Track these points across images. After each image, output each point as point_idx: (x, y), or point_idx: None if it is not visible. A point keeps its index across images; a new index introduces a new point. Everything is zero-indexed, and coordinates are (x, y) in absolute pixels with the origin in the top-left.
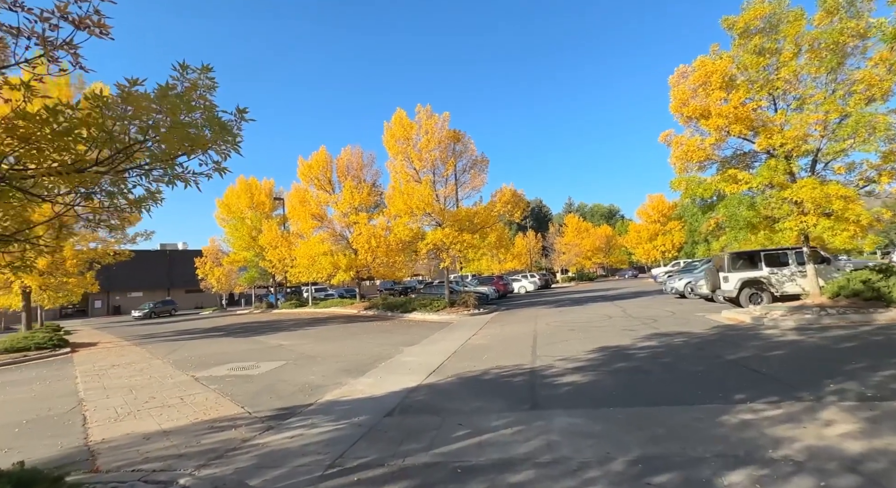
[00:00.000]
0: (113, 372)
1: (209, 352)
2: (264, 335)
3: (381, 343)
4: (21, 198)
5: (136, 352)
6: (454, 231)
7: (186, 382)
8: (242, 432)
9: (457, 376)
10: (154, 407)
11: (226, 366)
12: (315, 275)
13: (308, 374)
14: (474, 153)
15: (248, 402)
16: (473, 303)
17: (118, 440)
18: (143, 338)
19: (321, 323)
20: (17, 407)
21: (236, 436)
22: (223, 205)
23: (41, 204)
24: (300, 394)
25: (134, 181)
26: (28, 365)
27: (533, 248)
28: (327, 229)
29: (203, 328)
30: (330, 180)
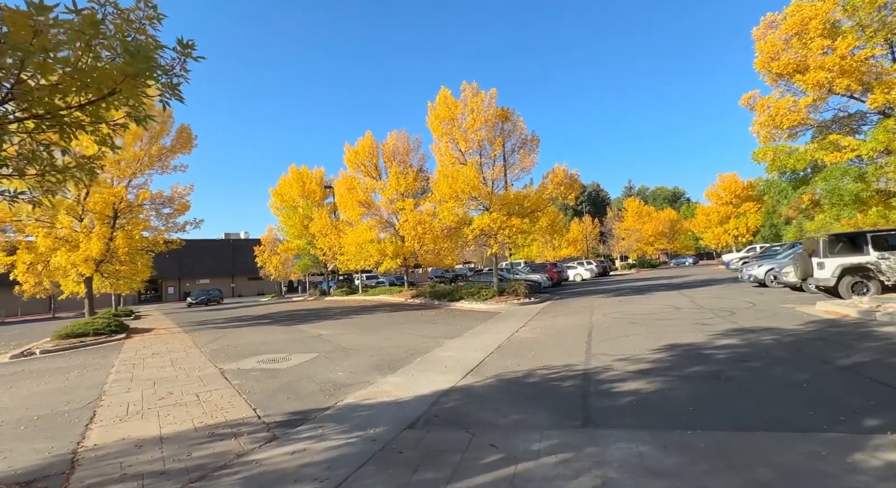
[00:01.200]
0: (149, 362)
1: (248, 341)
2: (308, 323)
3: (421, 334)
4: None
5: (182, 339)
6: (502, 215)
7: (211, 376)
8: (242, 443)
9: (497, 377)
10: (167, 405)
11: (256, 359)
12: (363, 263)
13: (336, 370)
14: (524, 131)
15: (262, 403)
16: (524, 291)
17: (109, 446)
18: (196, 324)
19: (366, 311)
20: (41, 400)
21: (233, 449)
22: (276, 195)
23: None
24: (320, 395)
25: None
26: (81, 351)
27: (589, 234)
28: (374, 216)
29: (254, 315)
30: (376, 166)
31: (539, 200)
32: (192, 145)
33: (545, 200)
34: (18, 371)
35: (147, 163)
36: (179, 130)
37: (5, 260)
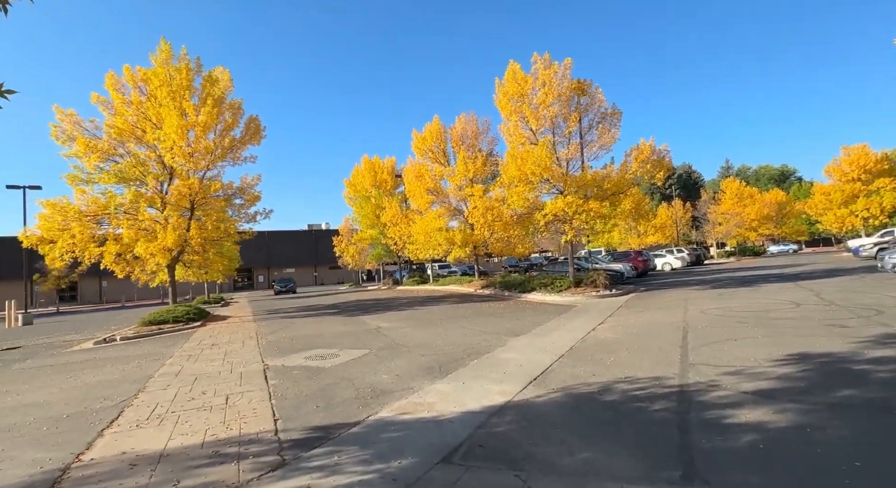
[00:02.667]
0: (204, 354)
1: (306, 333)
2: (371, 314)
3: (484, 330)
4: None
5: (247, 329)
6: (578, 199)
7: (252, 373)
8: (242, 469)
9: (565, 390)
10: (192, 408)
11: (306, 354)
12: (431, 252)
13: (381, 372)
14: (603, 104)
15: (287, 412)
16: (604, 282)
17: (102, 464)
18: (268, 313)
19: (432, 302)
20: (84, 394)
21: (227, 478)
22: (350, 185)
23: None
24: (353, 404)
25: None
26: (155, 338)
27: (680, 219)
28: (443, 204)
29: (324, 305)
30: (444, 152)
31: (621, 181)
32: (261, 136)
33: (628, 181)
34: (90, 358)
35: (219, 155)
36: (248, 122)
37: (95, 250)
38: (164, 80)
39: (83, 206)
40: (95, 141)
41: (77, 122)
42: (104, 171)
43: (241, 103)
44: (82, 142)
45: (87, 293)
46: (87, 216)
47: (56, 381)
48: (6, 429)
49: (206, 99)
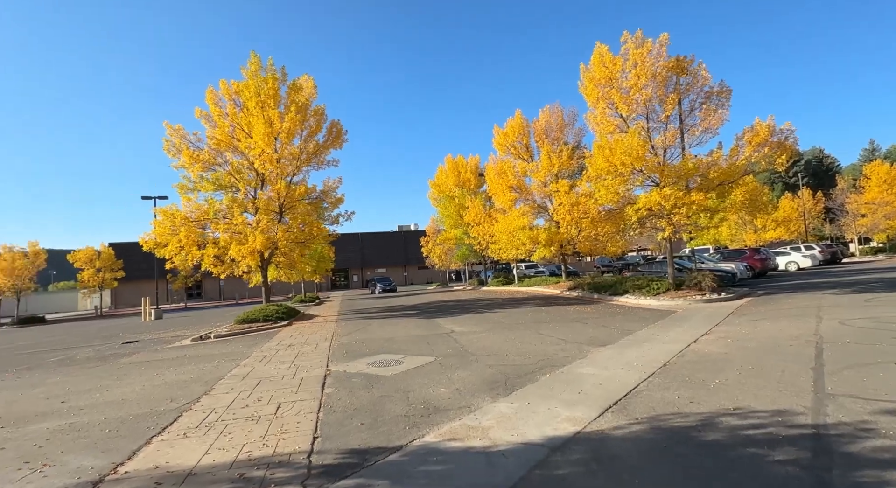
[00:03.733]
0: (278, 356)
1: (379, 335)
2: (448, 317)
3: (563, 337)
4: None
5: (326, 330)
6: (677, 191)
7: (311, 380)
8: None
9: (651, 422)
10: (240, 418)
11: (370, 359)
12: (514, 252)
13: (441, 384)
14: (707, 82)
15: (329, 429)
16: (710, 284)
17: (132, 480)
18: (352, 313)
19: (513, 304)
20: (157, 394)
21: None
22: (434, 185)
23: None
24: (401, 424)
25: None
26: (243, 337)
27: (809, 211)
28: (527, 201)
29: (406, 305)
30: (527, 147)
31: (730, 169)
32: (342, 140)
33: (739, 168)
34: (181, 356)
35: (304, 160)
36: (330, 126)
37: (197, 253)
38: (254, 90)
39: (189, 213)
40: (198, 152)
41: (183, 136)
42: (205, 180)
43: (324, 109)
44: (187, 154)
45: (210, 290)
46: (192, 221)
47: (143, 379)
48: (77, 429)
49: (290, 106)
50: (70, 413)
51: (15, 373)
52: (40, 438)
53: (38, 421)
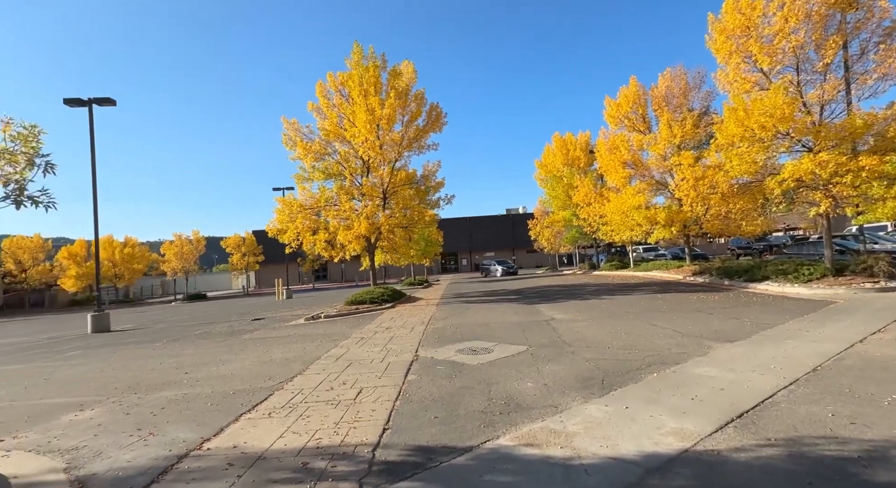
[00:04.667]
0: (373, 338)
1: (474, 321)
2: (550, 302)
3: (680, 330)
4: None
5: (424, 313)
6: (839, 155)
7: (399, 365)
8: None
9: (791, 448)
10: (322, 401)
11: (460, 346)
12: (628, 233)
13: (529, 378)
14: (888, 15)
15: (402, 421)
16: (887, 269)
17: (210, 457)
18: (455, 297)
19: (625, 290)
20: (260, 370)
21: None
22: (541, 165)
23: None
24: (476, 421)
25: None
26: (349, 318)
27: None
28: (643, 178)
29: (508, 290)
30: (644, 117)
31: None
32: (441, 123)
33: None
34: (292, 334)
35: (406, 145)
36: (430, 110)
37: (309, 237)
38: (357, 80)
39: (304, 201)
40: (310, 143)
41: (297, 129)
42: (316, 169)
43: (423, 93)
44: (301, 146)
45: (333, 273)
46: (306, 209)
47: (255, 355)
48: (187, 400)
49: (389, 92)
50: (188, 384)
51: (164, 344)
52: (157, 406)
53: (162, 389)
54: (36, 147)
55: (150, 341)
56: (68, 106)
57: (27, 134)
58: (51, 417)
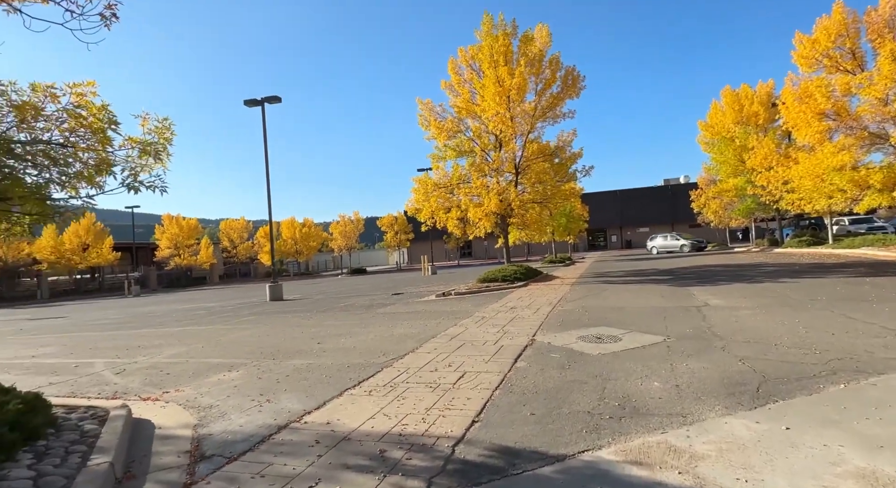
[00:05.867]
0: (493, 319)
1: (609, 304)
2: (706, 285)
3: (892, 327)
4: None
5: (556, 293)
6: None
7: (511, 349)
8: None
9: None
10: (422, 383)
11: (584, 332)
12: (824, 202)
13: (657, 376)
14: None
15: (495, 415)
16: None
17: (303, 432)
18: (596, 276)
19: (817, 272)
20: (379, 346)
21: None
22: (706, 127)
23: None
24: (578, 423)
25: None
26: (478, 295)
27: None
28: (850, 131)
29: (658, 269)
30: (853, 52)
31: None
32: (579, 87)
33: None
34: (419, 310)
35: (539, 115)
36: (565, 75)
37: (442, 216)
38: (487, 51)
39: (438, 180)
40: (443, 122)
41: (431, 109)
42: (448, 148)
43: (558, 57)
44: (434, 125)
45: (477, 250)
46: (440, 187)
47: (380, 329)
48: (309, 370)
49: (520, 60)
50: (315, 354)
51: (312, 315)
52: (283, 374)
53: (295, 356)
54: (168, 138)
55: (305, 311)
56: (247, 106)
57: (161, 127)
58: (207, 375)
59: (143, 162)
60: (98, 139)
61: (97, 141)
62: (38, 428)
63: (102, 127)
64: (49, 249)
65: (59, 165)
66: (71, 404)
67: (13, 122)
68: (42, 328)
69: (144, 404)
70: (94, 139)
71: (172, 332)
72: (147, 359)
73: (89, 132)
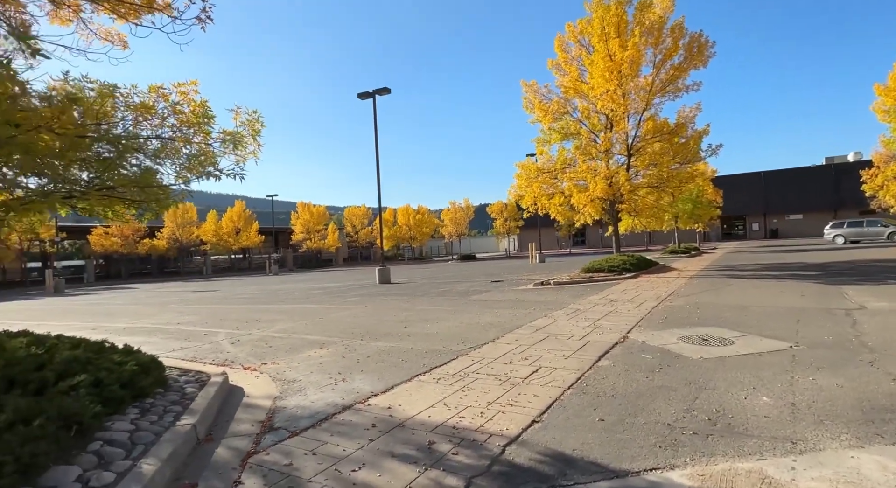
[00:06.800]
0: (586, 312)
1: (728, 301)
2: (870, 283)
3: None
4: None
5: (667, 287)
6: None
7: (596, 345)
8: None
9: None
10: (492, 375)
11: (688, 332)
12: None
13: (767, 391)
14: None
15: (560, 417)
16: None
17: (365, 413)
18: (723, 269)
19: None
20: (460, 334)
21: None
22: (886, 91)
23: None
24: (652, 437)
25: None
26: (578, 286)
27: None
28: None
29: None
30: None
31: None
32: (706, 55)
33: None
34: (511, 299)
35: (656, 90)
36: (689, 43)
37: (545, 202)
38: (598, 23)
39: (542, 165)
40: (548, 104)
41: (536, 91)
42: (553, 131)
43: (682, 23)
44: (538, 107)
45: (591, 238)
46: (544, 172)
47: (468, 316)
48: (389, 353)
49: (633, 30)
50: (400, 337)
51: (409, 298)
52: (364, 355)
53: (381, 338)
54: (258, 129)
55: (404, 294)
56: (360, 99)
57: (251, 120)
58: (301, 351)
59: (240, 153)
60: (196, 131)
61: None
62: (147, 387)
63: (199, 121)
64: (211, 232)
65: (169, 157)
66: (185, 368)
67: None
68: (197, 299)
69: (244, 373)
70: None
71: (288, 309)
72: (259, 331)
73: (190, 126)
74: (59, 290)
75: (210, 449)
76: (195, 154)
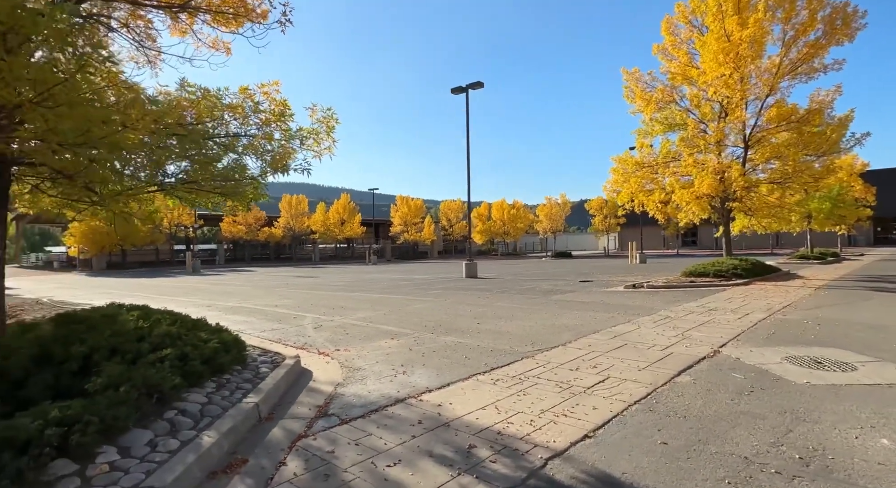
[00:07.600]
0: (677, 320)
1: (862, 319)
2: None
3: None
4: None
5: (786, 298)
6: None
7: (676, 360)
8: None
9: None
10: (552, 381)
11: (796, 351)
12: None
13: (887, 432)
14: None
15: (609, 435)
16: None
17: (415, 408)
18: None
19: None
20: (531, 335)
21: None
22: None
23: None
24: (718, 472)
25: None
26: (674, 291)
27: None
28: None
29: None
30: None
31: None
32: (853, 29)
33: None
34: (597, 301)
35: (784, 72)
36: (831, 15)
37: (642, 198)
38: (713, 1)
39: (642, 158)
40: (651, 92)
41: (637, 79)
42: (655, 121)
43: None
44: (640, 96)
45: (705, 239)
46: (643, 167)
47: (544, 316)
48: (454, 348)
49: (757, 6)
50: (469, 334)
51: (490, 294)
52: (430, 349)
53: (450, 334)
54: (332, 126)
55: (486, 290)
56: (453, 94)
57: (326, 117)
58: (373, 340)
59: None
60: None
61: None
62: (226, 364)
63: (278, 119)
64: (319, 222)
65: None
66: (267, 348)
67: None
68: (299, 284)
69: (317, 358)
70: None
71: (373, 298)
72: (341, 318)
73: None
74: (196, 270)
75: (268, 427)
76: (276, 149)
